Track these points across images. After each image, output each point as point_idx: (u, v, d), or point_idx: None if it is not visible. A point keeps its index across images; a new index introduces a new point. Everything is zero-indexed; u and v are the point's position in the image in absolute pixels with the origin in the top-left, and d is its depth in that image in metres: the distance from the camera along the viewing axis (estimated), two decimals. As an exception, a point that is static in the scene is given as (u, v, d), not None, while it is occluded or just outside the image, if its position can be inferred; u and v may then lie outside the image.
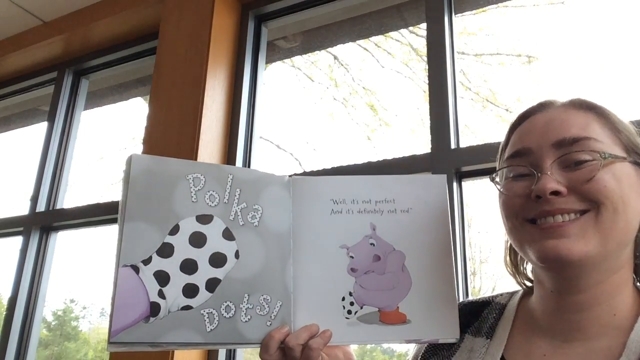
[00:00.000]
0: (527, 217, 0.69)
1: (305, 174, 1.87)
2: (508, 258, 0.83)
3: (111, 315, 0.68)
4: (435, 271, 0.79)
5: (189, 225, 0.75)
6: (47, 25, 2.58)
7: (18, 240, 2.42)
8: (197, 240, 0.74)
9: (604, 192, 0.65)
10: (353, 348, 0.83)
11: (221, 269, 0.74)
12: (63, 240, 2.46)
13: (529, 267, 0.82)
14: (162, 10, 2.16)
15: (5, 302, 2.41)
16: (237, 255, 0.76)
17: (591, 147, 0.67)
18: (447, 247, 0.81)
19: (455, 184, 1.51)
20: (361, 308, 0.78)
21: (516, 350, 0.73)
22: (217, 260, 0.75)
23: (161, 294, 0.71)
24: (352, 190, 0.82)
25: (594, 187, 0.65)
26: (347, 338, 0.77)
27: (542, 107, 0.75)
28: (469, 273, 1.44)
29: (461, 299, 1.39)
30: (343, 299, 0.78)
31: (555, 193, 0.66)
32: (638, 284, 0.72)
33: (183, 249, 0.73)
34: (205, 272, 0.74)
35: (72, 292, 2.90)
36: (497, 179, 0.76)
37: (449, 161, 1.53)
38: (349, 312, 0.77)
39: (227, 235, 0.76)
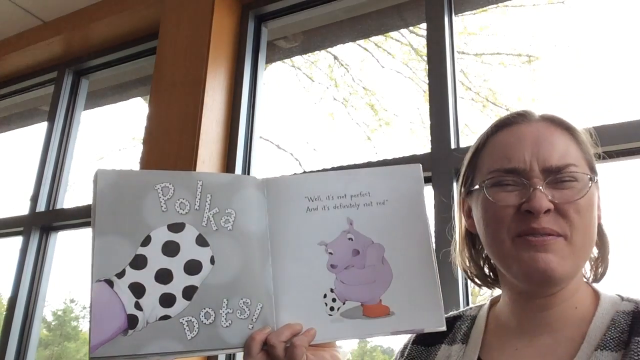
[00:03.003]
0: (516, 233, 0.72)
1: (303, 174, 1.87)
2: (467, 253, 0.86)
3: (90, 331, 0.68)
4: (415, 261, 0.79)
5: (160, 235, 0.75)
6: (47, 25, 2.58)
7: (18, 240, 2.42)
8: (170, 249, 0.74)
9: (579, 220, 0.71)
10: (352, 348, 0.83)
11: (197, 276, 0.74)
12: (63, 240, 2.46)
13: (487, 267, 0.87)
14: (162, 10, 2.16)
15: (5, 302, 2.41)
16: (212, 260, 0.75)
17: (574, 172, 0.72)
18: (426, 236, 0.80)
19: (455, 184, 1.50)
20: (344, 304, 0.77)
21: (490, 350, 0.78)
22: (192, 267, 0.74)
23: (138, 306, 0.71)
24: (327, 187, 0.82)
25: (572, 212, 0.71)
26: (332, 335, 0.76)
27: (522, 117, 0.78)
28: (469, 273, 1.44)
29: (461, 300, 1.39)
30: (325, 296, 0.77)
31: (547, 211, 0.70)
32: (585, 279, 0.80)
33: (156, 259, 0.73)
34: (181, 280, 0.73)
35: (72, 292, 2.91)
36: (480, 187, 0.76)
37: (449, 161, 1.53)
38: (332, 308, 0.77)
39: (201, 241, 0.76)
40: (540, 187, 0.70)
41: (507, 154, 0.75)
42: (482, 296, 1.94)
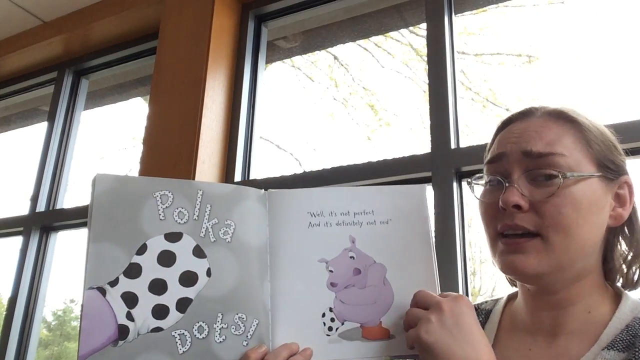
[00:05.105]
0: (497, 230, 0.73)
1: (303, 174, 1.87)
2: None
3: (79, 340, 0.67)
4: (417, 283, 0.77)
5: (157, 244, 0.72)
6: (47, 25, 2.58)
7: (18, 240, 2.42)
8: (166, 259, 0.72)
9: (557, 218, 0.69)
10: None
11: (192, 288, 0.72)
12: (63, 240, 2.46)
13: None
14: (162, 10, 2.16)
15: (5, 302, 2.41)
16: (209, 273, 0.73)
17: (555, 164, 0.70)
18: (429, 257, 0.79)
19: (455, 184, 1.50)
20: (342, 324, 0.75)
21: (504, 348, 0.77)
22: (188, 279, 0.72)
23: (129, 316, 0.69)
24: (330, 203, 0.80)
25: (549, 210, 0.69)
26: (329, 356, 0.74)
27: (524, 115, 0.78)
28: (469, 273, 1.44)
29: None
30: (323, 315, 0.75)
31: (518, 207, 0.70)
32: (615, 284, 0.77)
33: (151, 269, 0.71)
34: (176, 291, 0.71)
35: (72, 292, 2.91)
36: (481, 182, 0.79)
37: (449, 161, 1.53)
38: (330, 328, 0.75)
39: (198, 252, 0.74)
40: (516, 185, 0.71)
41: (497, 147, 0.77)
42: (481, 296, 1.94)
